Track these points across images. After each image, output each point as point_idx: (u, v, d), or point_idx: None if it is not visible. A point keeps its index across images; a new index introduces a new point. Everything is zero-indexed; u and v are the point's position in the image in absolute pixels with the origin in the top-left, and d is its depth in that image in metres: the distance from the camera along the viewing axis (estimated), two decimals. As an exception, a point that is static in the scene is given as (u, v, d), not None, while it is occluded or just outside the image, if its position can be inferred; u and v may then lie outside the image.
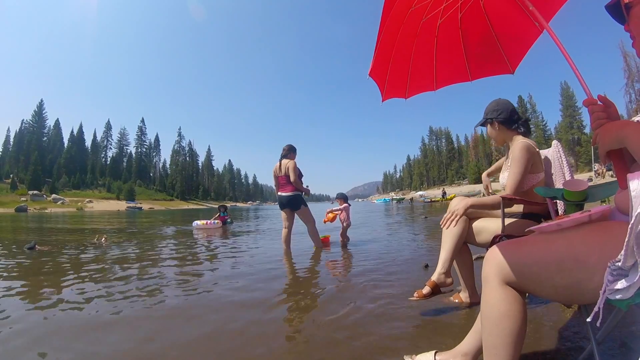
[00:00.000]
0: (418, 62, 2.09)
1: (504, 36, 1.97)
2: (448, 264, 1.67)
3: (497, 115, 1.75)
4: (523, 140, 1.63)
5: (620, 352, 1.26)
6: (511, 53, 2.03)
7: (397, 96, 2.24)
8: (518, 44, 1.99)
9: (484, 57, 2.10)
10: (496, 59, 2.06)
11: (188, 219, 13.43)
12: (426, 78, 2.18)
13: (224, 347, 1.48)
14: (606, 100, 0.82)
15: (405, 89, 2.21)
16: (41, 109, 77.84)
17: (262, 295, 2.30)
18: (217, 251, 4.54)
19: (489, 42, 2.00)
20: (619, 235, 0.68)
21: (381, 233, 6.23)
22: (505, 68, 2.08)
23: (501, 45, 2.00)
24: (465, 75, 2.16)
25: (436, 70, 2.13)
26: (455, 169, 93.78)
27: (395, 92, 2.22)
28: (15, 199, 49.81)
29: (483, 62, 2.12)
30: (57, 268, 3.39)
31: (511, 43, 1.99)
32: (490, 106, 1.82)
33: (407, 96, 2.25)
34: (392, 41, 1.90)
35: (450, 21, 1.95)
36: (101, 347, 1.51)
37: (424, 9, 1.83)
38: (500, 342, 0.83)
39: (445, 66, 2.13)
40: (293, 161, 4.30)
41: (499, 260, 0.86)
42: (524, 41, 1.96)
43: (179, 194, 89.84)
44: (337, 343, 1.49)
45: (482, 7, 1.88)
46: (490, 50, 2.03)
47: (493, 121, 1.78)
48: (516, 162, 1.59)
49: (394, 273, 2.81)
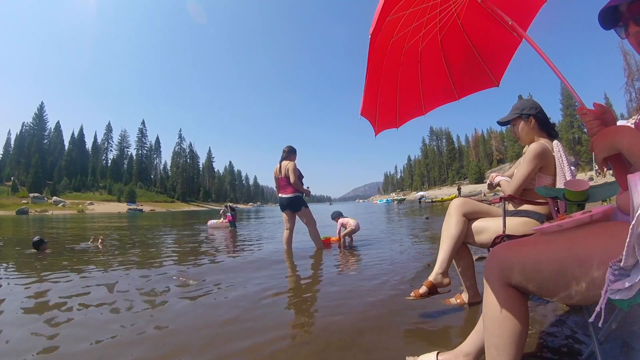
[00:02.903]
0: (405, 90, 2.13)
1: (485, 51, 2.00)
2: (446, 265, 1.67)
3: (537, 112, 1.70)
4: (543, 142, 1.63)
5: (622, 352, 1.26)
6: (494, 66, 2.06)
7: (388, 127, 2.29)
8: (499, 56, 2.02)
9: (468, 75, 2.13)
10: (480, 75, 2.09)
11: (189, 223, 13.43)
12: (414, 104, 2.22)
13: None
14: (602, 107, 0.82)
15: (395, 119, 2.26)
16: (42, 112, 78.00)
17: (261, 295, 2.30)
18: (217, 251, 4.55)
19: (471, 59, 2.03)
20: (621, 235, 0.68)
21: (382, 233, 6.23)
22: (490, 82, 2.12)
23: (483, 60, 2.03)
24: (452, 95, 2.20)
25: (423, 94, 2.17)
26: (456, 169, 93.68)
27: (387, 124, 2.27)
28: (16, 201, 49.84)
29: (468, 79, 2.16)
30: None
31: (493, 57, 2.03)
32: (526, 102, 1.76)
33: (398, 125, 2.30)
34: (378, 75, 1.94)
35: (432, 45, 1.98)
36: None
37: (405, 37, 1.86)
38: (502, 343, 0.83)
39: (432, 89, 2.18)
40: (293, 162, 4.30)
41: (501, 261, 0.86)
42: (504, 53, 2.00)
43: (180, 196, 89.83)
44: (338, 344, 1.49)
45: (460, 26, 1.91)
46: (473, 67, 2.06)
47: (530, 117, 1.71)
48: (525, 163, 1.59)
49: (394, 273, 2.81)
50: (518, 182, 1.60)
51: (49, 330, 1.73)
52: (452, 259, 1.73)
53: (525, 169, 1.60)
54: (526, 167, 1.59)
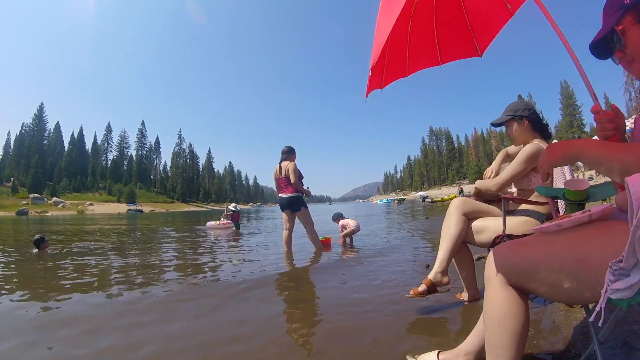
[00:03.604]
0: (393, 46, 2.02)
1: (475, 16, 1.96)
2: (445, 264, 1.68)
3: (530, 113, 1.71)
4: (538, 144, 1.63)
5: (622, 351, 1.26)
6: (480, 35, 2.02)
7: (375, 88, 2.14)
8: (488, 25, 1.98)
9: (453, 39, 2.07)
10: (465, 41, 2.04)
11: (188, 225, 13.43)
12: (399, 63, 2.13)
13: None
14: (618, 111, 0.82)
15: (381, 79, 2.14)
16: (41, 112, 78.06)
17: (259, 296, 2.30)
18: (218, 252, 4.54)
19: (460, 22, 1.98)
20: (620, 234, 0.68)
21: (382, 233, 6.23)
22: (473, 51, 2.08)
23: (471, 25, 1.99)
24: (436, 59, 2.13)
25: (409, 54, 2.09)
26: (456, 169, 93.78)
27: (375, 83, 2.12)
28: (16, 202, 49.87)
29: (453, 44, 2.09)
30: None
31: (481, 24, 1.98)
32: (519, 104, 1.77)
33: (383, 86, 2.19)
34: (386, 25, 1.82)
35: (426, 2, 1.91)
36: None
37: None
38: (502, 342, 0.83)
39: (418, 49, 2.09)
40: (293, 163, 4.31)
41: (501, 261, 0.86)
42: (493, 23, 1.95)
43: (180, 196, 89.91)
44: (338, 344, 1.49)
45: None
46: (460, 31, 2.01)
47: (523, 119, 1.72)
48: (517, 163, 1.59)
49: (394, 273, 2.82)
50: (504, 179, 1.61)
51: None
52: (452, 258, 1.73)
53: (515, 169, 1.60)
54: (516, 167, 1.60)
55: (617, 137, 0.86)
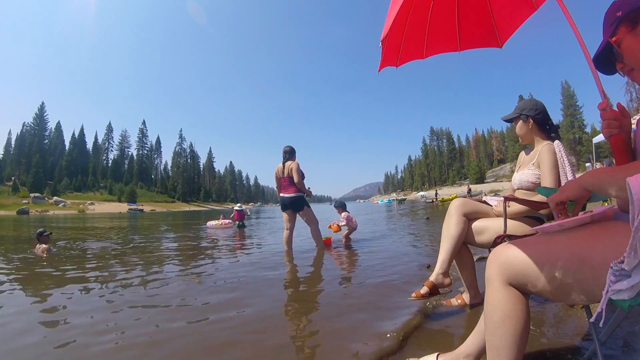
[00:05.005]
0: (413, 24, 1.99)
1: (499, 5, 1.93)
2: (446, 265, 1.67)
3: (535, 113, 1.73)
4: (550, 144, 1.64)
5: (623, 352, 1.26)
6: (502, 25, 2.00)
7: (390, 64, 2.15)
8: (511, 16, 1.95)
9: (475, 26, 2.04)
10: (486, 30, 2.02)
11: (188, 225, 13.42)
12: (418, 43, 2.10)
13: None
14: (624, 110, 0.83)
15: (397, 56, 2.12)
16: (42, 112, 78.07)
17: (258, 297, 2.30)
18: (217, 251, 4.55)
19: (483, 10, 1.96)
20: (621, 235, 0.68)
21: (383, 234, 6.23)
22: (494, 41, 2.05)
23: (494, 14, 1.97)
24: (455, 44, 2.11)
25: (428, 35, 2.07)
26: (457, 169, 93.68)
27: (391, 59, 2.12)
28: (17, 201, 49.92)
29: (474, 31, 2.07)
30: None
31: (504, 14, 1.96)
32: (527, 103, 1.78)
33: (398, 64, 2.17)
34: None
35: None
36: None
37: None
38: (503, 343, 0.83)
39: (438, 32, 2.07)
40: (296, 162, 4.30)
41: (503, 261, 0.86)
42: (517, 15, 1.93)
43: (181, 196, 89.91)
44: (338, 345, 1.49)
45: None
46: (482, 19, 1.99)
47: (528, 118, 1.74)
48: (549, 164, 1.59)
49: (395, 274, 2.81)
50: (553, 181, 1.58)
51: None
52: (453, 259, 1.73)
53: (553, 168, 1.58)
54: (551, 166, 1.58)
55: (622, 136, 0.86)
